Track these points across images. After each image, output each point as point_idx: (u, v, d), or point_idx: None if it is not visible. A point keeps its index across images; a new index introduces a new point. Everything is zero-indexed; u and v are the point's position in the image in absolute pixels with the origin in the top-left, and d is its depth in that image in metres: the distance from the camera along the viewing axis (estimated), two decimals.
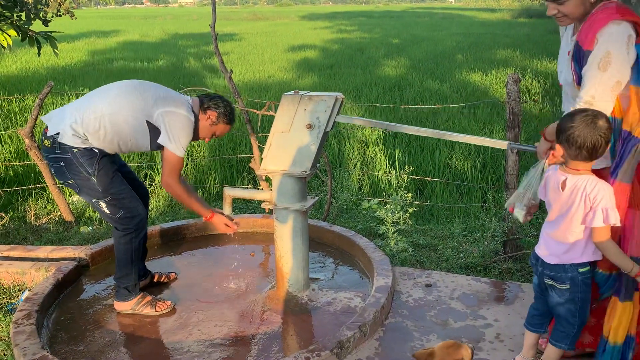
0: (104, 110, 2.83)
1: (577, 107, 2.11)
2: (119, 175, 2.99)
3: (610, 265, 2.20)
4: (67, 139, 2.80)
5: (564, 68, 2.36)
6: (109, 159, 2.94)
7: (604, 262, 2.21)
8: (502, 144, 2.69)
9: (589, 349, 2.49)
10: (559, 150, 2.13)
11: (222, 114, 3.05)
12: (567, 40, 2.37)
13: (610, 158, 2.23)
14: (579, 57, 2.17)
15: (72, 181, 2.88)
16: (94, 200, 2.92)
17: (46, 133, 2.86)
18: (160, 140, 2.91)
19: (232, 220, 3.20)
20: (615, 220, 2.06)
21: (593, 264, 2.24)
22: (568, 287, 2.22)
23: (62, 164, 2.84)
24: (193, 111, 3.00)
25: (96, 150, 2.86)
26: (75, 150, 2.81)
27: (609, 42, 2.07)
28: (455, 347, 2.05)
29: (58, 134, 2.81)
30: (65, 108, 2.92)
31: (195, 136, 3.06)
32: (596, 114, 2.04)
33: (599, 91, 2.08)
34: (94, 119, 2.82)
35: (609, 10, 2.12)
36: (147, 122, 2.89)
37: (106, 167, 2.90)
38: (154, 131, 2.92)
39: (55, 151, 2.82)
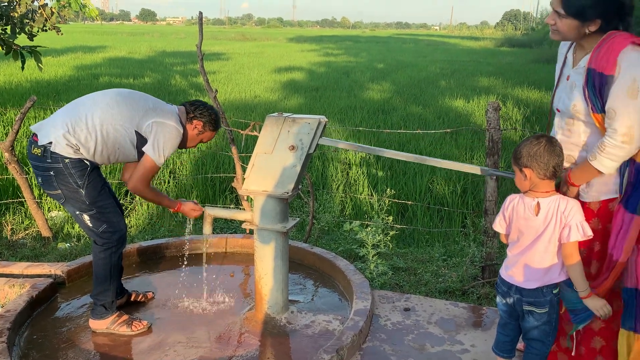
0: (95, 120, 2.84)
1: (614, 140, 2.08)
2: (106, 189, 3.00)
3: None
4: (59, 148, 2.78)
5: (563, 94, 2.33)
6: (97, 172, 2.94)
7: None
8: (476, 169, 2.74)
9: None
10: (527, 173, 2.18)
11: (208, 122, 3.12)
12: (568, 67, 2.34)
13: (619, 189, 2.22)
14: (596, 84, 2.12)
15: (59, 191, 2.85)
16: (77, 213, 2.90)
17: (36, 141, 2.83)
18: (144, 148, 2.92)
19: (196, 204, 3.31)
20: (590, 232, 2.16)
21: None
22: (547, 310, 2.26)
23: (52, 173, 2.81)
24: (181, 122, 3.04)
25: (87, 163, 2.85)
26: (67, 160, 2.79)
27: (633, 68, 2.05)
28: None
29: (50, 143, 2.79)
30: (56, 117, 2.90)
31: (182, 145, 3.11)
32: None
33: (636, 119, 2.05)
34: (85, 130, 2.82)
35: (623, 35, 2.11)
36: (137, 132, 2.91)
37: (95, 181, 2.90)
38: (142, 141, 2.94)
39: (46, 160, 2.80)
